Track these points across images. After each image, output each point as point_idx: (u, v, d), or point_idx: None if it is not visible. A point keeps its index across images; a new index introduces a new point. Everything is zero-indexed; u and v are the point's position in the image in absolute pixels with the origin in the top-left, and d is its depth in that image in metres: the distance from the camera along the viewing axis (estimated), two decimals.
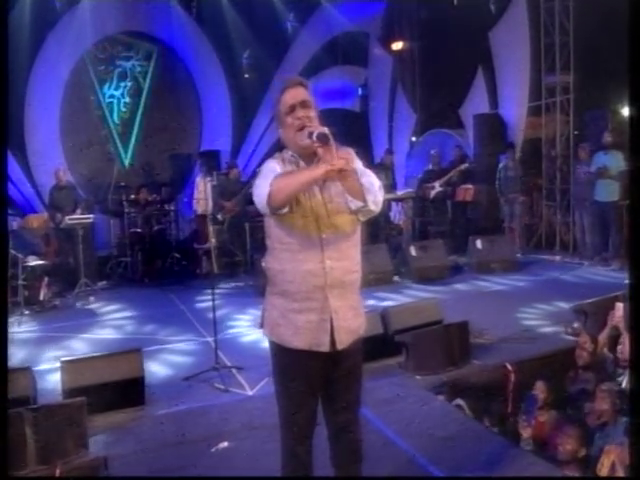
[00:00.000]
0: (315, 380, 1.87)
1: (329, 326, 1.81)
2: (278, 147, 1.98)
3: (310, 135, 1.74)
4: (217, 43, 9.89)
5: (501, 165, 7.81)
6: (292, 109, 1.84)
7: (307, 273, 1.80)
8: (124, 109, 9.46)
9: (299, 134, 1.82)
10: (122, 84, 9.41)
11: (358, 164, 1.85)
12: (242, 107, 10.02)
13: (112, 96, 9.34)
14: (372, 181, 1.78)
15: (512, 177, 7.68)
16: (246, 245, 7.58)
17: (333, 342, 1.81)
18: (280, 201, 1.75)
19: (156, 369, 3.88)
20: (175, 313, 5.58)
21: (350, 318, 1.86)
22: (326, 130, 1.72)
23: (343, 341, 1.83)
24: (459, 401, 3.18)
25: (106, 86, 9.30)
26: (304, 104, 1.85)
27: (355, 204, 1.79)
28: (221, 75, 10.05)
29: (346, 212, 1.83)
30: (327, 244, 1.81)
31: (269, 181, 1.76)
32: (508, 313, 4.91)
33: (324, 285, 1.80)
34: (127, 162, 9.25)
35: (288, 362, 1.87)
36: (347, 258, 1.85)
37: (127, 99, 9.47)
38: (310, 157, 1.83)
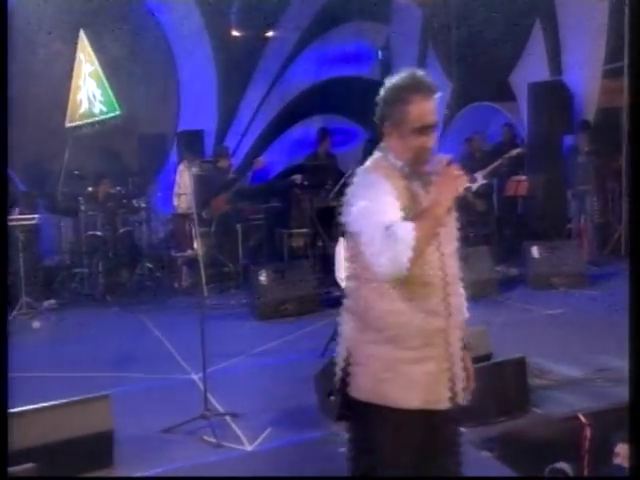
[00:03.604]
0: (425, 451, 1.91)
1: (449, 377, 1.88)
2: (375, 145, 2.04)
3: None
4: None
5: (570, 147, 7.74)
6: (424, 130, 1.91)
7: (428, 313, 1.84)
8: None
9: (420, 158, 1.92)
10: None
11: None
12: (230, 75, 10.02)
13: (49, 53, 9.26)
14: None
15: (584, 164, 7.60)
16: (237, 252, 7.60)
17: (453, 396, 1.89)
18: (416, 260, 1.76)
19: (127, 419, 3.86)
20: (149, 341, 5.59)
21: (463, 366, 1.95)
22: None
23: (462, 394, 1.92)
24: (563, 465, 3.15)
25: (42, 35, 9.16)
26: (436, 125, 1.95)
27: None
28: (203, 33, 10.05)
29: (455, 235, 1.96)
30: (450, 273, 1.91)
31: (409, 242, 1.71)
32: (578, 345, 4.88)
33: (446, 327, 1.87)
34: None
35: (395, 428, 1.85)
36: (462, 293, 1.96)
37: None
38: (419, 165, 1.92)
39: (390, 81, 1.96)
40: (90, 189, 7.73)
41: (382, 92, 1.96)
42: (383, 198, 1.80)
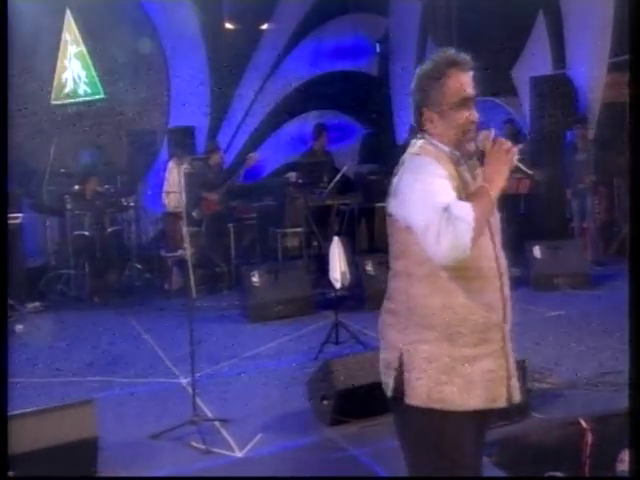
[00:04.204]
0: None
1: (505, 373, 1.88)
2: (415, 131, 2.03)
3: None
4: None
5: (571, 143, 7.76)
6: (466, 103, 1.92)
7: (486, 307, 1.84)
8: None
9: (466, 136, 1.92)
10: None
11: None
12: (223, 69, 10.00)
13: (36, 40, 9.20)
14: None
15: (582, 162, 7.63)
16: (230, 252, 7.59)
17: (509, 394, 1.89)
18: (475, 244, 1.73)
19: (113, 425, 3.86)
20: (137, 345, 5.60)
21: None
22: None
23: (517, 391, 1.92)
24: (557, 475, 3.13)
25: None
26: (475, 99, 1.94)
27: None
28: (195, 25, 10.03)
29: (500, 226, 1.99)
30: (502, 263, 1.92)
31: (469, 222, 1.68)
32: (580, 347, 4.87)
33: (502, 321, 1.89)
34: None
35: (457, 432, 1.82)
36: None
37: None
38: (466, 144, 1.92)
39: (421, 67, 1.96)
40: (77, 187, 7.71)
41: (414, 82, 1.96)
42: (436, 180, 1.78)
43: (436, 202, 1.71)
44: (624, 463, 3.16)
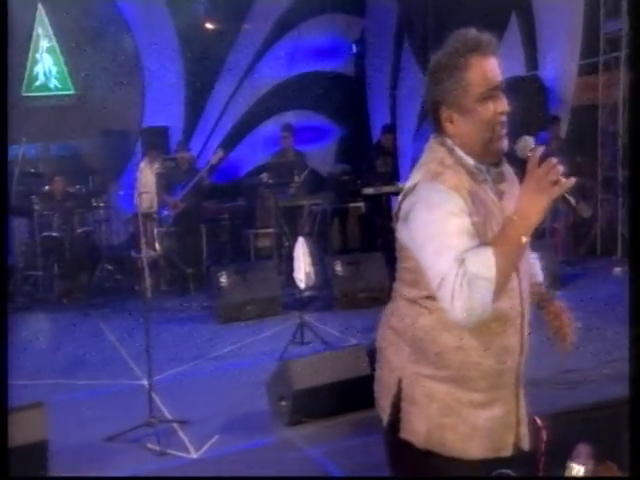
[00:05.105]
0: None
1: (514, 420, 1.72)
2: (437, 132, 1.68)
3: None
4: None
5: (543, 144, 7.82)
6: (492, 94, 1.60)
7: (503, 351, 1.64)
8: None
9: (495, 133, 1.61)
10: None
11: None
12: (198, 69, 9.95)
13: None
14: None
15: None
16: (201, 253, 7.55)
17: (516, 442, 1.73)
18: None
19: (68, 428, 3.81)
20: (103, 346, 5.56)
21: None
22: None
23: (526, 438, 1.76)
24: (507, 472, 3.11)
25: None
26: (501, 86, 1.63)
27: None
28: (169, 24, 9.97)
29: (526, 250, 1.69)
30: (526, 305, 1.69)
31: (490, 279, 1.42)
32: (541, 346, 4.85)
33: (518, 365, 1.70)
34: None
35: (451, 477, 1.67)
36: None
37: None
38: (495, 149, 1.63)
39: (435, 56, 1.64)
40: (46, 187, 7.63)
41: (428, 75, 1.65)
42: (452, 221, 1.50)
43: (451, 253, 1.46)
44: (579, 459, 3.15)
